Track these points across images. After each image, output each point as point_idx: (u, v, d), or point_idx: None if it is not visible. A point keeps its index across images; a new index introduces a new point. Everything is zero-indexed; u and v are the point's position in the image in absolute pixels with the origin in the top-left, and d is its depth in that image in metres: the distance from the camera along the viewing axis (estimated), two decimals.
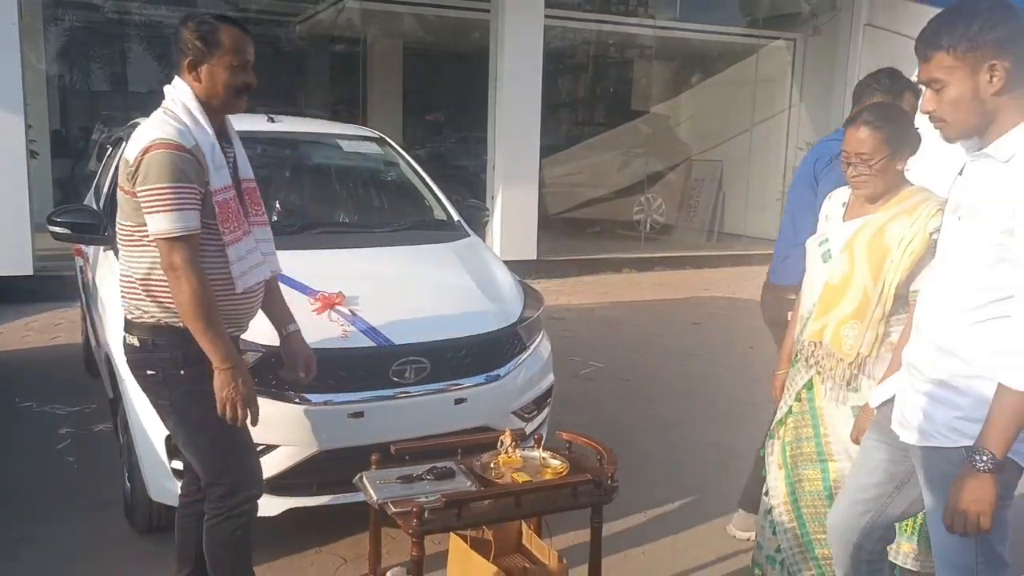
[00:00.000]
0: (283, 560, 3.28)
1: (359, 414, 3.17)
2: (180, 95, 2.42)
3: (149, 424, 3.06)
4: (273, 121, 4.64)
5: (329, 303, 3.26)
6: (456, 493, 2.29)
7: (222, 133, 2.52)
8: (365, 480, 2.43)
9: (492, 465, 2.54)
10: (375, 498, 2.33)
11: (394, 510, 2.26)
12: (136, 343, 2.45)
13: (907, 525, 2.60)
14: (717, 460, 4.45)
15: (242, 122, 4.99)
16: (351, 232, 4.45)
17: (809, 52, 11.86)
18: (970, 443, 1.84)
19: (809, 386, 2.62)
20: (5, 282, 7.29)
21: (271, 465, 3.10)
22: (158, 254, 2.31)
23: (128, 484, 3.44)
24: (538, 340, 3.77)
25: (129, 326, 2.50)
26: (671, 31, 12.11)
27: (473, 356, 3.41)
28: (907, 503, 2.21)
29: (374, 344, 3.21)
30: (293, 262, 3.12)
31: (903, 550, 2.59)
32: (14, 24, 7.13)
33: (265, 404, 3.06)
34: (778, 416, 2.74)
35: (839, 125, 2.86)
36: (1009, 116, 1.83)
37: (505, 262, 4.18)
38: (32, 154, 7.58)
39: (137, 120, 3.51)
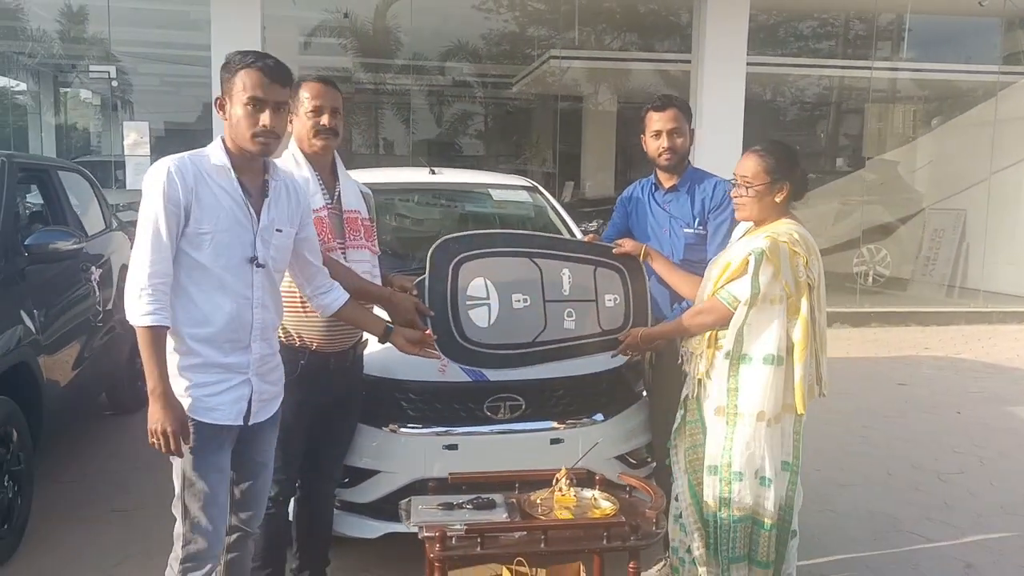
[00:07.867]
0: None
1: (453, 446, 3.27)
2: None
3: None
4: (434, 173, 4.97)
5: None
6: (480, 523, 2.30)
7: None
8: (411, 504, 2.50)
9: (539, 501, 2.52)
10: (410, 521, 2.39)
11: (424, 534, 2.32)
12: None
13: None
14: (873, 528, 4.03)
15: (407, 174, 5.41)
16: None
17: None
18: None
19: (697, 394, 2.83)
20: None
21: (371, 490, 3.29)
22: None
23: None
24: None
25: None
26: (891, 72, 11.29)
27: (572, 397, 3.40)
28: None
29: (469, 380, 3.30)
30: None
31: None
32: None
33: (366, 432, 3.30)
34: (676, 424, 2.91)
35: None
36: None
37: None
38: None
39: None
